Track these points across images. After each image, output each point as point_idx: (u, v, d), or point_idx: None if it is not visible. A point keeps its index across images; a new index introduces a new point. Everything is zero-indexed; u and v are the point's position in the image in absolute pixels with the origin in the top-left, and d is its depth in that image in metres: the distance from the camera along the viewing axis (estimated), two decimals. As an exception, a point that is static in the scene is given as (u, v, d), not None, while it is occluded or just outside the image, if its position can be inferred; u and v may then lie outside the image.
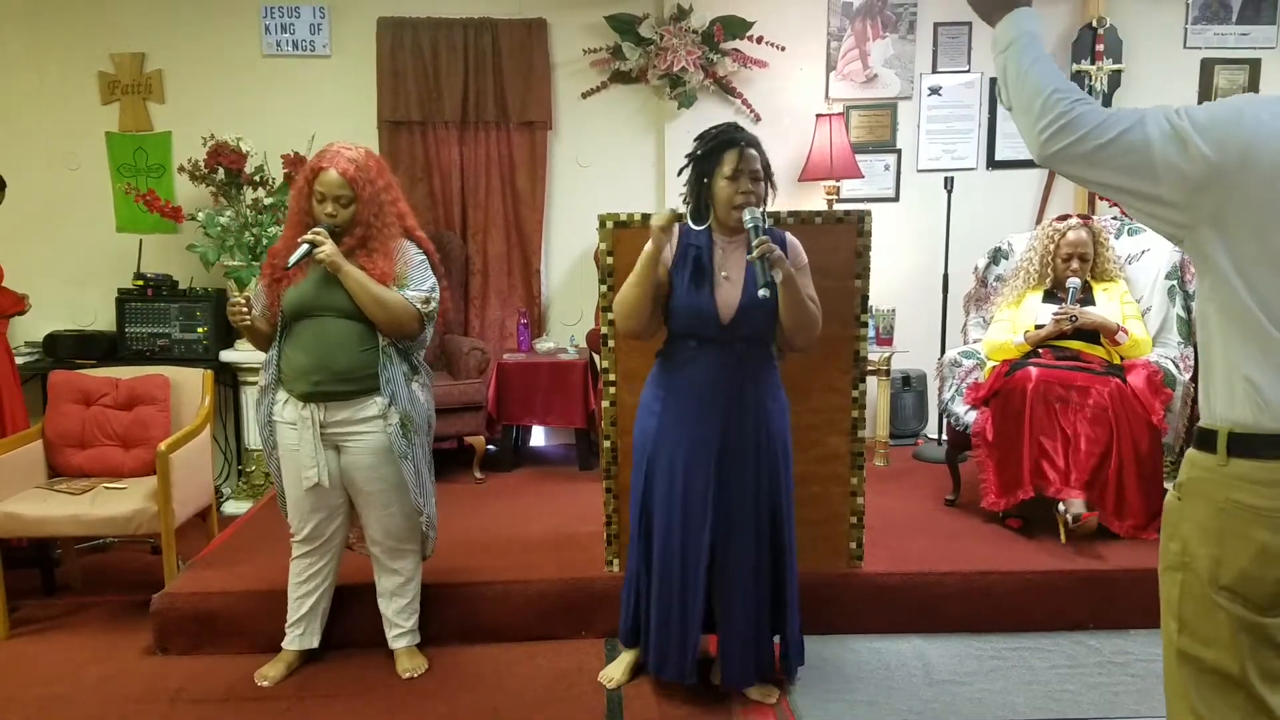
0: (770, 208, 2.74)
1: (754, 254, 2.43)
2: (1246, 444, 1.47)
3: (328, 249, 2.74)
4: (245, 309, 2.85)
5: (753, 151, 2.61)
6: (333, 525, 3.00)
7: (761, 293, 2.41)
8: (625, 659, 2.99)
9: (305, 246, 2.74)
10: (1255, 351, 1.46)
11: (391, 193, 2.93)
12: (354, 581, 3.15)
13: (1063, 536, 3.49)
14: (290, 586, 3.06)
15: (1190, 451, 1.57)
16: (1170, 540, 1.57)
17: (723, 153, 2.60)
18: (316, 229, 2.77)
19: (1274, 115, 1.44)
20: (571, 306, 5.39)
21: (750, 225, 2.48)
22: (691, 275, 2.64)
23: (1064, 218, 4.04)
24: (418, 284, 2.89)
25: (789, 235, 2.79)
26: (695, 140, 2.70)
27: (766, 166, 2.65)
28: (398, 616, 3.09)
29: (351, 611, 3.18)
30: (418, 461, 2.91)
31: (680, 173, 2.74)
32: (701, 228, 2.69)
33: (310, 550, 3.01)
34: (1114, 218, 4.50)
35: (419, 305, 2.86)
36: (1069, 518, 3.40)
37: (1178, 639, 1.55)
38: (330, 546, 3.03)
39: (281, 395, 2.90)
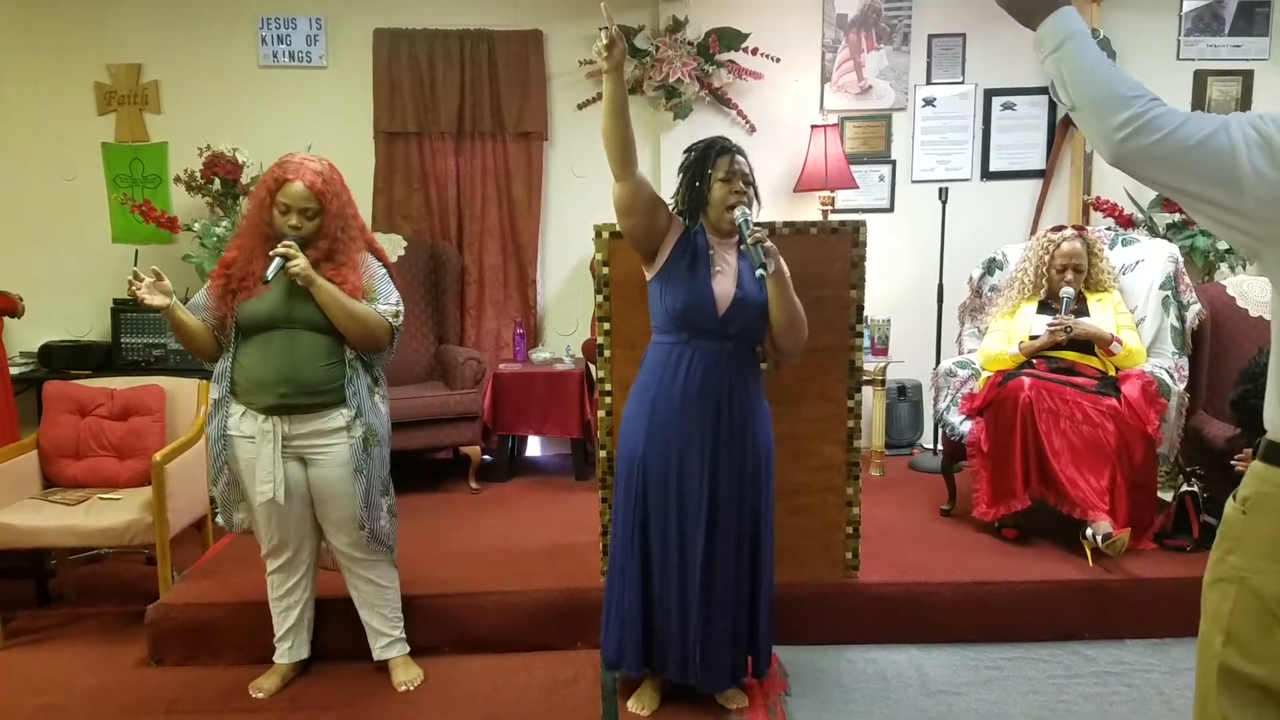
0: (764, 218, 2.77)
1: (749, 240, 2.52)
2: None
3: (301, 263, 2.71)
4: (140, 284, 2.71)
5: (742, 159, 2.73)
6: (301, 537, 2.98)
7: (758, 273, 2.49)
8: (649, 686, 2.93)
9: (279, 261, 2.70)
10: None
11: (353, 205, 2.93)
12: (347, 594, 3.13)
13: (1090, 560, 3.45)
14: (271, 602, 3.05)
15: (1259, 465, 1.50)
16: (1229, 553, 1.50)
17: (716, 158, 2.70)
18: (287, 242, 2.73)
19: None
20: (567, 316, 5.39)
21: (742, 220, 2.59)
22: (690, 263, 2.69)
23: (1059, 228, 4.05)
24: (385, 297, 2.89)
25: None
26: (686, 150, 2.79)
27: (752, 177, 2.75)
28: (383, 625, 3.08)
29: (346, 623, 3.15)
30: (371, 476, 2.89)
31: (678, 170, 2.79)
32: (695, 230, 2.75)
33: (282, 564, 3.00)
34: (1108, 228, 4.52)
35: (390, 319, 2.87)
36: (1098, 539, 3.34)
37: (1223, 652, 1.48)
38: (303, 559, 3.01)
39: (237, 408, 2.85)
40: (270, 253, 2.73)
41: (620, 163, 2.62)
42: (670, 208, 2.78)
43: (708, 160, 2.70)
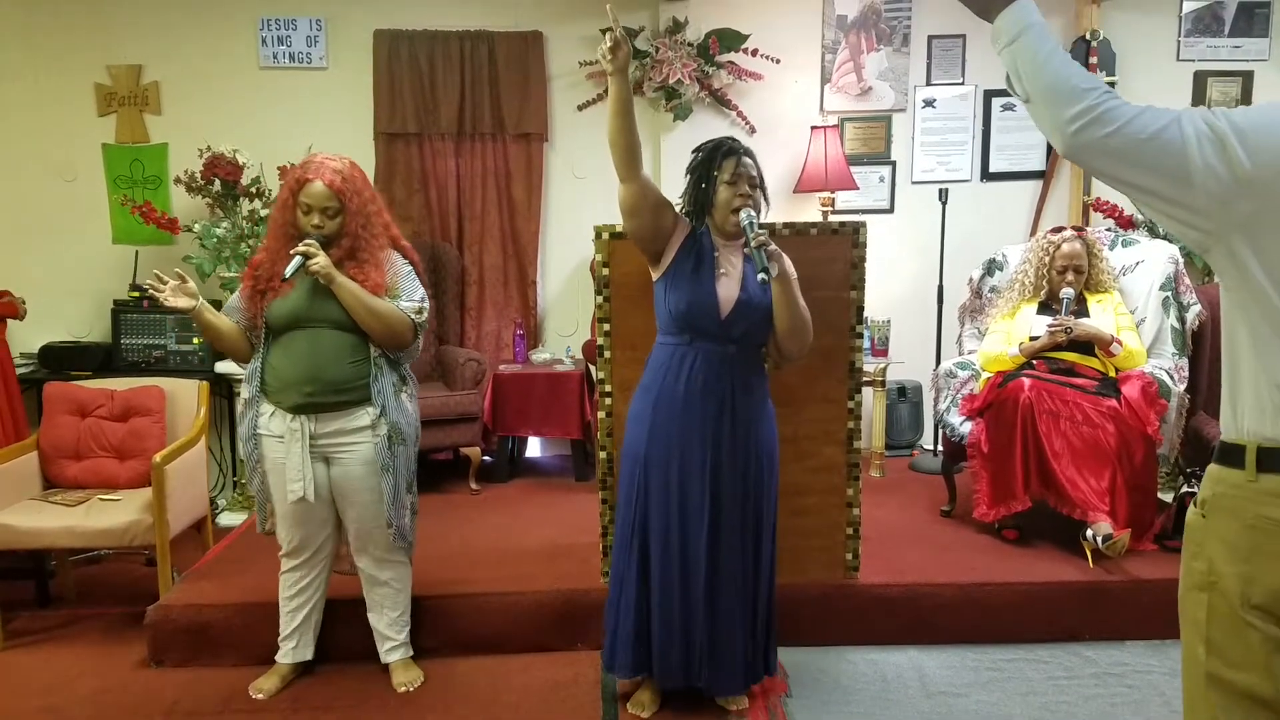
0: (765, 219, 2.76)
1: (753, 244, 2.51)
2: (1278, 459, 1.40)
3: (321, 261, 2.74)
4: (163, 288, 2.79)
5: (749, 160, 2.71)
6: (321, 537, 2.99)
7: (760, 277, 2.48)
8: (649, 688, 2.92)
9: (299, 259, 2.73)
10: None
11: (376, 203, 2.94)
12: (348, 595, 3.14)
13: (1090, 561, 3.45)
14: (281, 600, 3.05)
15: (1213, 467, 1.50)
16: (1194, 559, 1.50)
17: (723, 159, 2.68)
18: (308, 241, 2.76)
19: None
20: (567, 317, 5.39)
21: (746, 223, 2.57)
22: (694, 265, 2.68)
23: (1058, 229, 4.06)
24: (409, 294, 2.90)
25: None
26: (694, 151, 2.77)
27: (761, 178, 2.73)
28: (390, 630, 3.09)
29: (347, 624, 3.16)
30: (397, 474, 2.91)
31: (686, 170, 2.78)
32: (700, 231, 2.74)
33: (300, 563, 3.00)
34: (1109, 229, 4.52)
35: (413, 315, 2.87)
36: (1098, 541, 3.34)
37: (1207, 662, 1.47)
38: (320, 559, 3.02)
39: (267, 408, 2.87)
40: (291, 251, 2.76)
41: (626, 164, 2.60)
42: (677, 208, 2.78)
43: (714, 161, 2.69)
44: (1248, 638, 1.43)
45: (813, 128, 5.02)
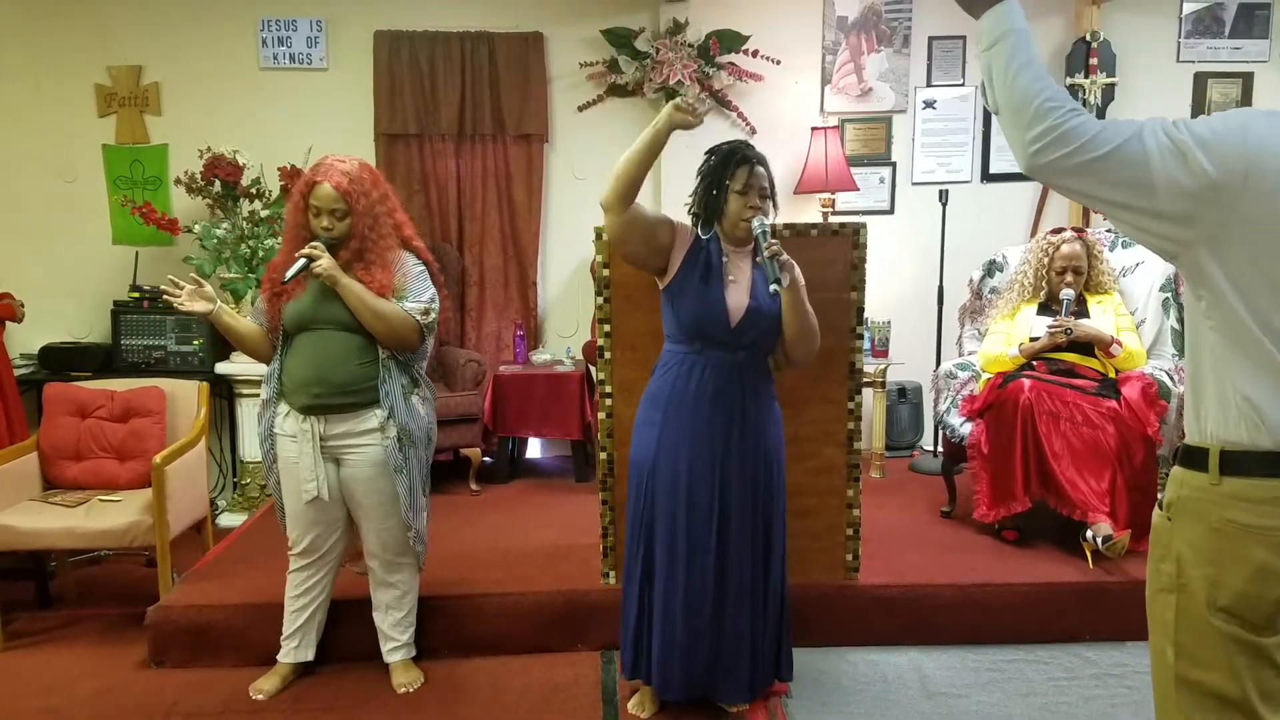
0: (769, 222, 2.75)
1: (765, 254, 2.49)
2: (1240, 463, 1.42)
3: (325, 263, 2.75)
4: (178, 293, 2.84)
5: (762, 170, 2.67)
6: (331, 539, 3.00)
7: (772, 288, 2.47)
8: (649, 689, 2.90)
9: (302, 261, 2.75)
10: (1253, 370, 1.40)
11: (388, 203, 2.93)
12: (350, 596, 3.14)
13: (1090, 561, 3.45)
14: (287, 599, 3.06)
15: (1177, 470, 1.52)
16: (1162, 562, 1.52)
17: (736, 168, 2.65)
18: (314, 243, 2.78)
19: (1277, 131, 1.38)
20: (568, 318, 5.39)
21: (759, 231, 2.55)
22: (702, 274, 2.66)
23: (1058, 230, 4.06)
24: (416, 295, 2.89)
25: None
26: (707, 153, 2.73)
27: (772, 185, 2.71)
28: (393, 630, 3.09)
29: (347, 625, 3.17)
30: (411, 476, 2.92)
31: (697, 173, 2.75)
32: (708, 237, 2.72)
33: (308, 563, 3.01)
34: (1109, 230, 4.52)
35: (418, 316, 2.87)
36: (1098, 542, 3.34)
37: (1176, 664, 1.50)
38: (328, 560, 3.03)
39: (283, 408, 2.90)
40: (296, 254, 2.77)
41: (621, 197, 2.59)
42: (685, 209, 2.77)
43: (727, 169, 2.65)
44: (1214, 639, 1.44)
45: (813, 129, 5.02)
